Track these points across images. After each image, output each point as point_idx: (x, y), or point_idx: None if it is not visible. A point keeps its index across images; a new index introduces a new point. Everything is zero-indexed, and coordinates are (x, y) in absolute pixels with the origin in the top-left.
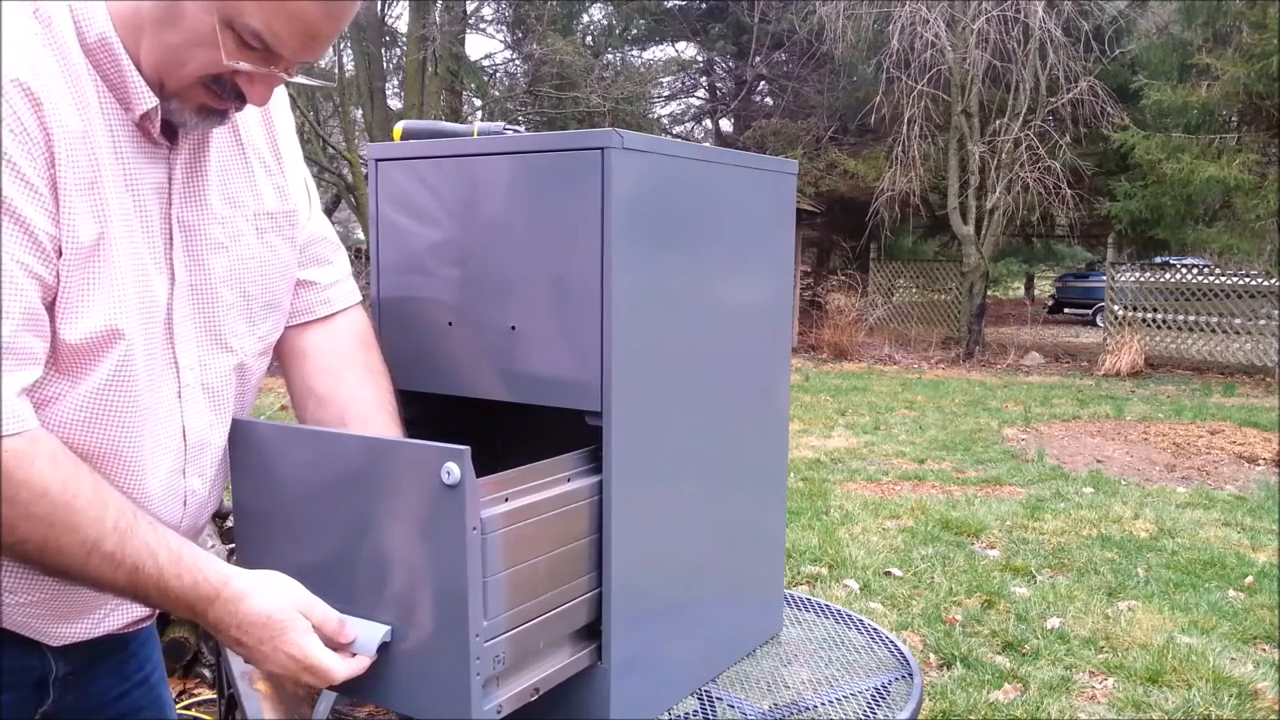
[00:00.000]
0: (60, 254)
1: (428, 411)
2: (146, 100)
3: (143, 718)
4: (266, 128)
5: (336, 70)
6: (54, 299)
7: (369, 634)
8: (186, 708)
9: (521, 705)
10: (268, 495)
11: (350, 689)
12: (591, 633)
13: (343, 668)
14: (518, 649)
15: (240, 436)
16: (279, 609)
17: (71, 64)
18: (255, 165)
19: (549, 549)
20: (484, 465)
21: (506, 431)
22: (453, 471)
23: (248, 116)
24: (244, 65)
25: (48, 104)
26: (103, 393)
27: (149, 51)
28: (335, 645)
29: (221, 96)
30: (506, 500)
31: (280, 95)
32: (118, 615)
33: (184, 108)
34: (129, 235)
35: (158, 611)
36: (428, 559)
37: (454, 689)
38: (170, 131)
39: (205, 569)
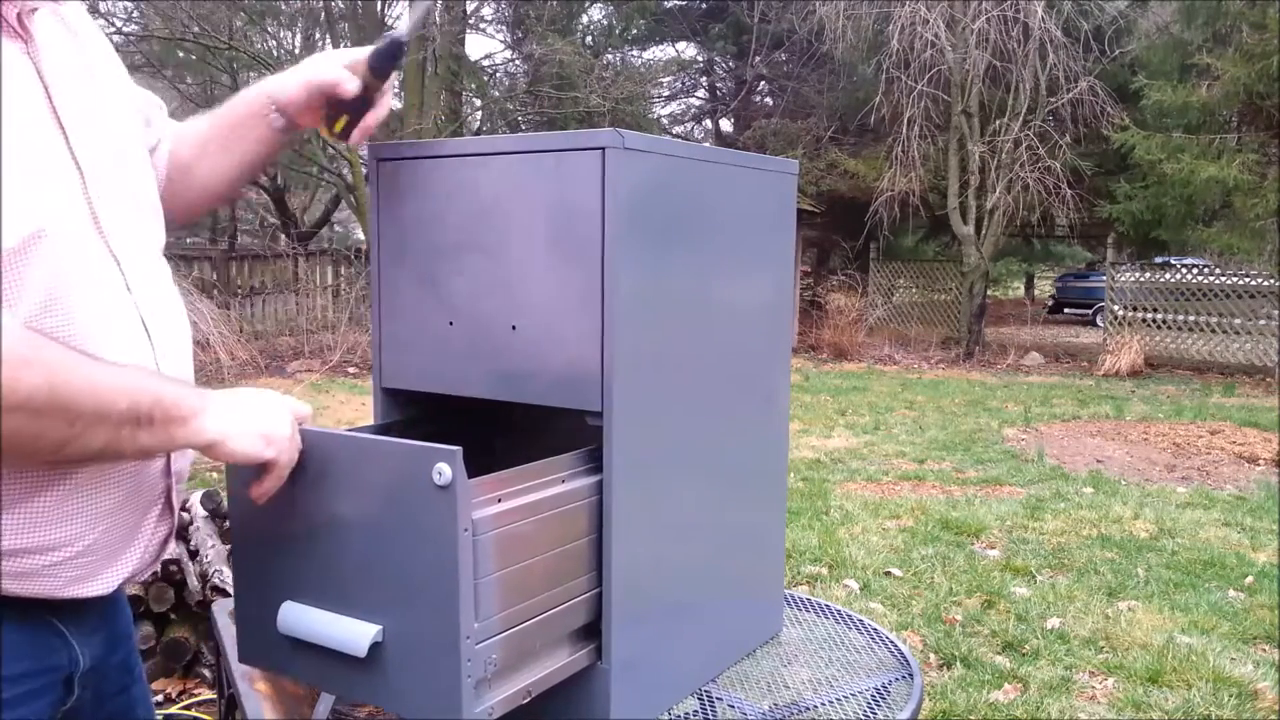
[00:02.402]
0: None
1: (428, 411)
2: None
3: (136, 715)
4: (101, 43)
5: None
6: None
7: (360, 633)
8: (186, 707)
9: (514, 707)
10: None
11: (342, 690)
12: (591, 633)
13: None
14: (511, 651)
15: None
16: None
17: None
18: (100, 65)
19: (546, 549)
20: (483, 465)
21: (507, 431)
22: (444, 472)
23: (78, 17)
24: None
25: None
26: (52, 299)
27: None
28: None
29: None
30: (499, 501)
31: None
32: (154, 539)
33: None
34: (24, 130)
35: (170, 535)
36: (419, 560)
37: (445, 690)
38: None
39: (186, 388)
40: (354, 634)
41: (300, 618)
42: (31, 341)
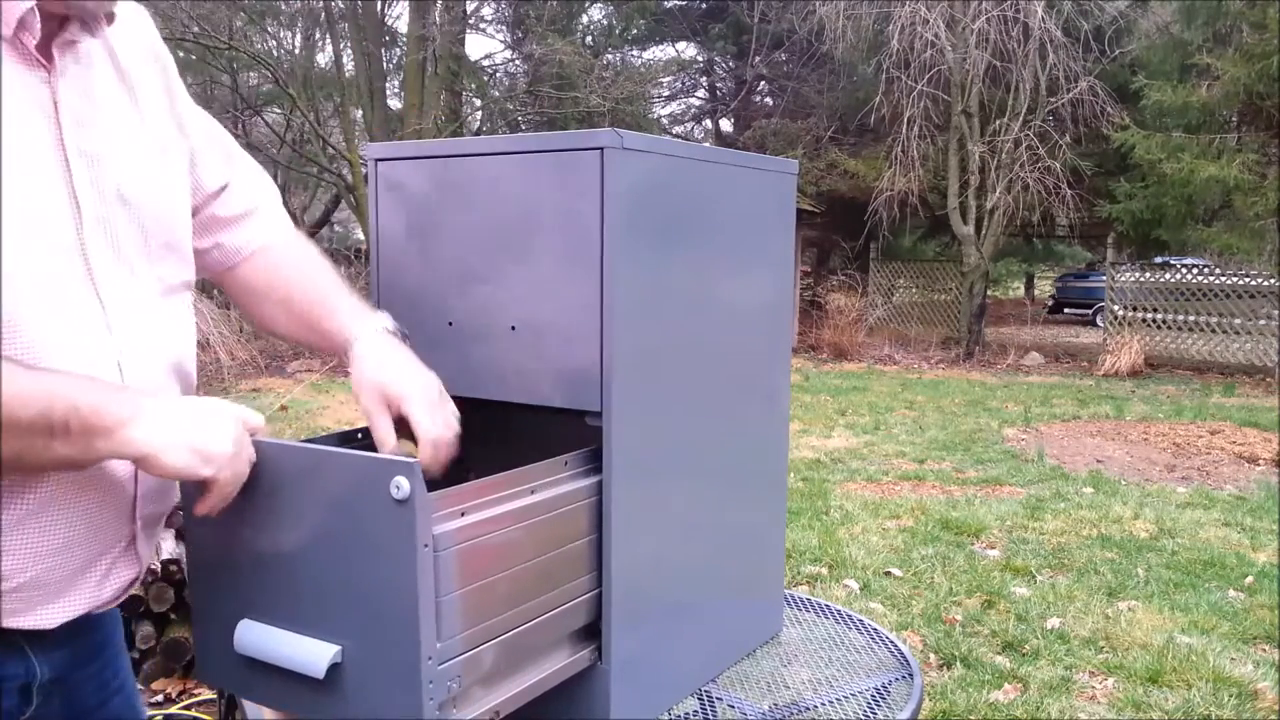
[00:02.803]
0: None
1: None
2: (14, 9)
3: None
4: (159, 64)
5: (336, 70)
6: None
7: (318, 653)
8: (187, 707)
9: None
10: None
11: (301, 711)
12: (592, 633)
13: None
14: (481, 667)
15: None
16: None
17: None
18: (145, 102)
19: (532, 556)
20: (482, 466)
21: (506, 431)
22: (402, 486)
23: (130, 52)
24: None
25: None
26: (12, 332)
27: None
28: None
29: None
30: (463, 515)
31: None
32: (108, 581)
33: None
34: (27, 156)
35: (135, 581)
36: (378, 578)
37: (406, 714)
38: (46, 54)
39: (115, 395)
40: (312, 654)
41: (258, 637)
42: None
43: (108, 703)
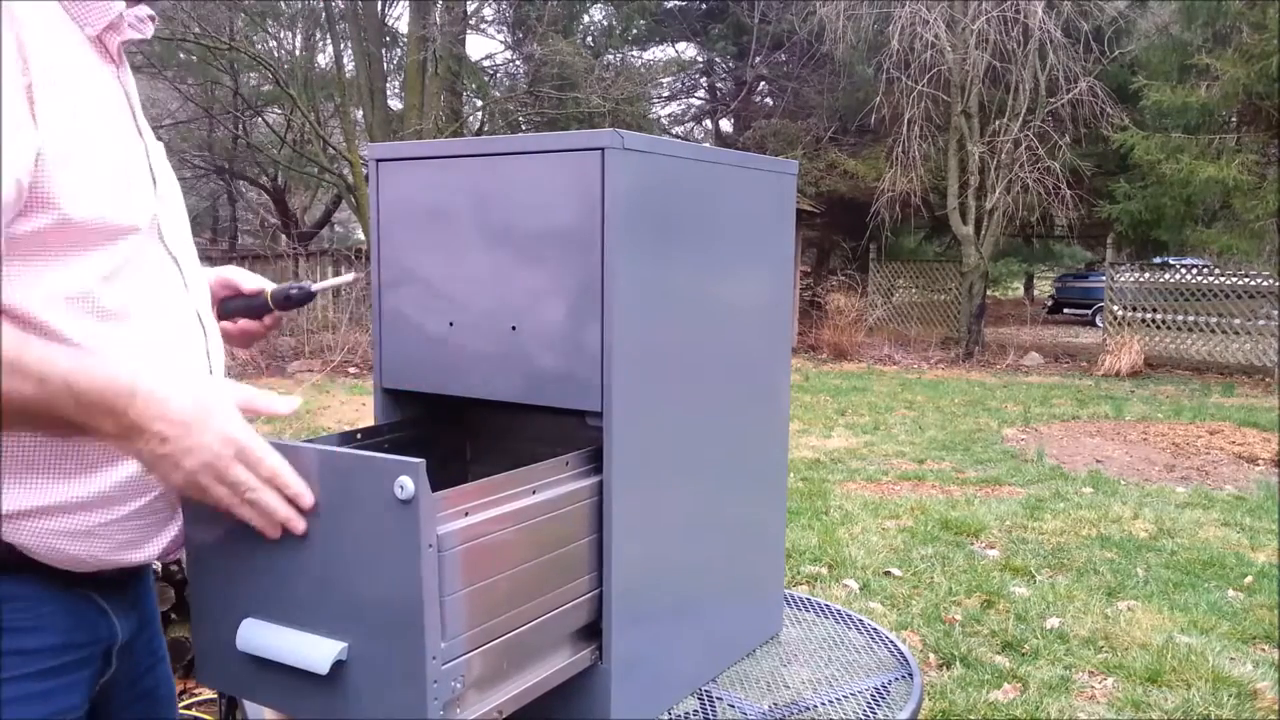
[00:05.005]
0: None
1: (428, 411)
2: (110, 10)
3: (160, 692)
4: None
5: (336, 70)
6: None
7: (322, 651)
8: (187, 707)
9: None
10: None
11: (304, 712)
12: (592, 633)
13: (276, 455)
14: (486, 667)
15: None
16: (214, 385)
17: None
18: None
19: (534, 556)
20: (483, 466)
21: (506, 431)
22: (406, 486)
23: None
24: None
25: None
26: (126, 282)
27: None
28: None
29: None
30: (466, 515)
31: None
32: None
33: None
34: (123, 139)
35: None
36: (382, 577)
37: (409, 714)
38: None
39: (115, 365)
40: (315, 652)
41: (260, 636)
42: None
43: (154, 669)
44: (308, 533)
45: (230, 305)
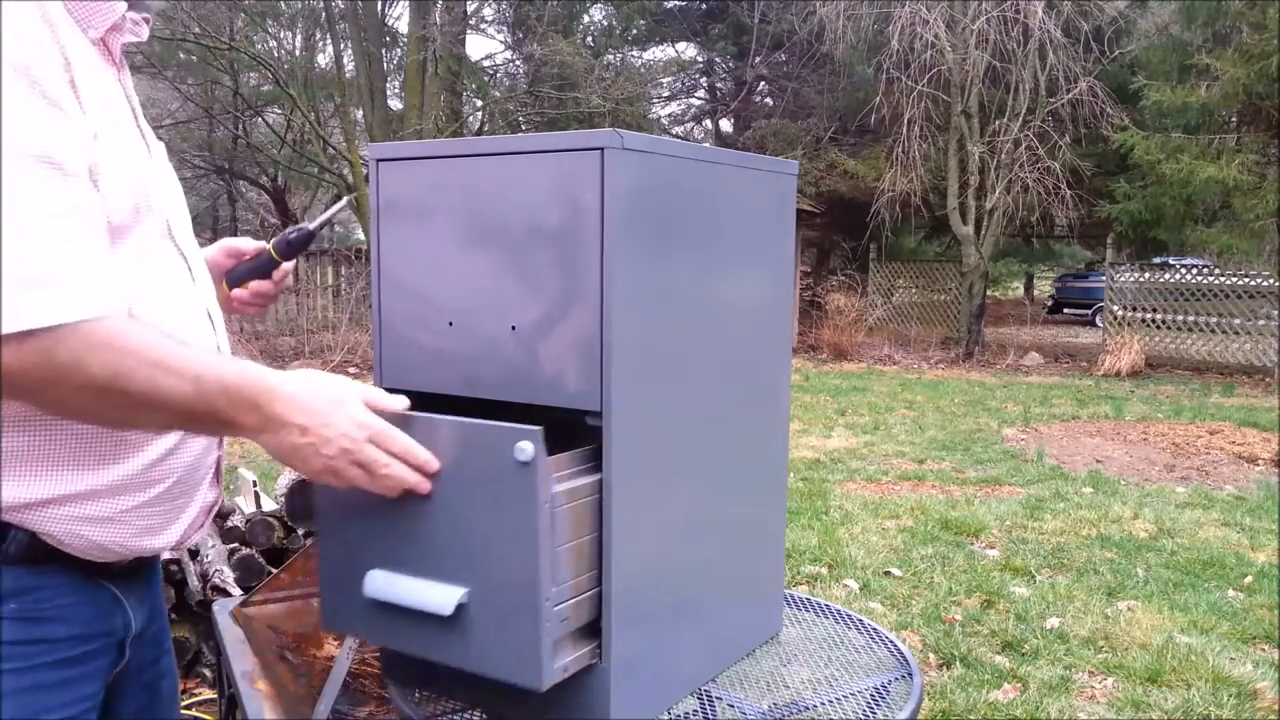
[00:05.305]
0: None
1: (427, 410)
2: (114, 11)
3: (164, 685)
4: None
5: (336, 70)
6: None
7: (446, 594)
8: (187, 707)
9: (583, 667)
10: None
11: (425, 651)
12: (591, 631)
13: (402, 433)
14: (576, 614)
15: None
16: (339, 382)
17: None
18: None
19: (582, 534)
20: None
21: None
22: (525, 450)
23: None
24: None
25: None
26: (142, 276)
27: None
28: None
29: None
30: (562, 481)
31: None
32: (203, 500)
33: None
34: (129, 140)
35: (216, 505)
36: (502, 530)
37: (527, 649)
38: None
39: (254, 365)
40: (441, 596)
41: (387, 584)
42: (124, 332)
43: (159, 661)
44: (432, 492)
45: (237, 271)
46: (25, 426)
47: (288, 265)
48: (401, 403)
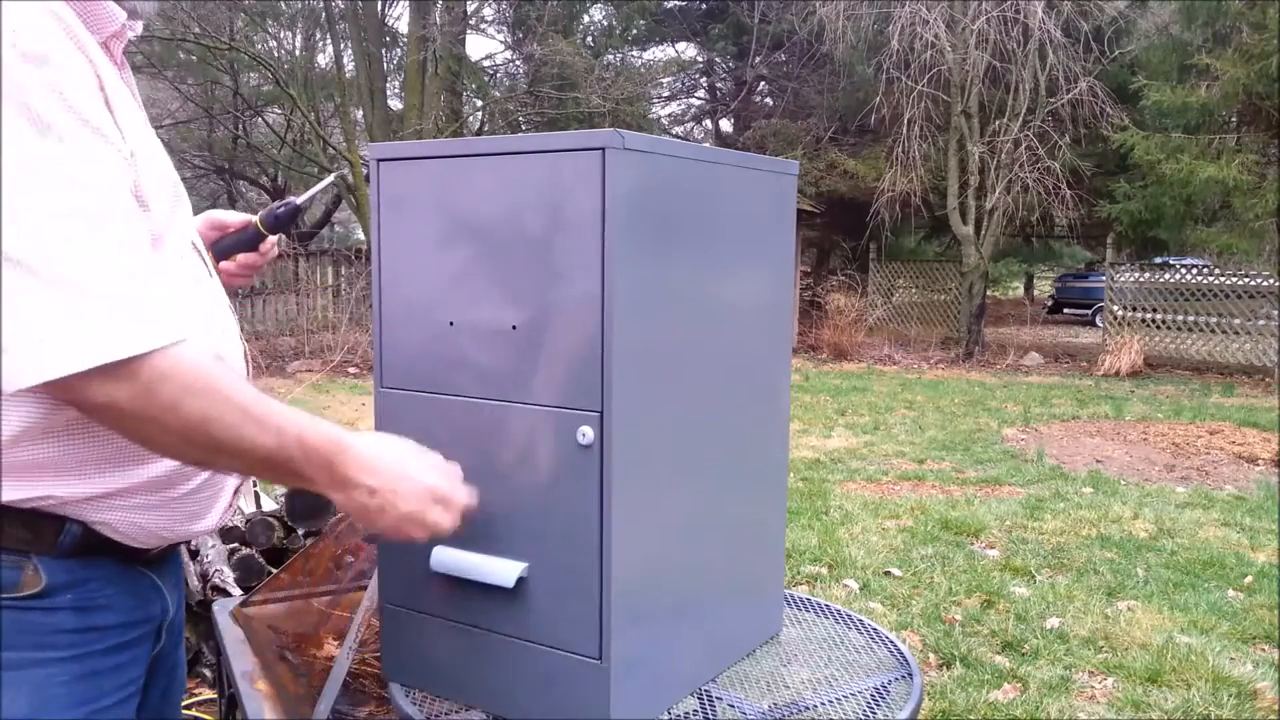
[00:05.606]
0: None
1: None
2: (115, 20)
3: (179, 671)
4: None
5: (336, 70)
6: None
7: (508, 567)
8: (187, 707)
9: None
10: None
11: (487, 623)
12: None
13: (463, 490)
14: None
15: (386, 407)
16: (408, 446)
17: None
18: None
19: None
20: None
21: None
22: (587, 434)
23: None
24: None
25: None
26: (177, 275)
27: None
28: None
29: None
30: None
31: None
32: (231, 488)
33: None
34: (150, 142)
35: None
36: (562, 509)
37: (585, 620)
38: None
39: (328, 424)
40: (503, 569)
41: (452, 558)
42: (210, 372)
43: (178, 647)
44: (496, 472)
45: (223, 244)
46: (81, 433)
47: (273, 238)
48: (472, 499)
